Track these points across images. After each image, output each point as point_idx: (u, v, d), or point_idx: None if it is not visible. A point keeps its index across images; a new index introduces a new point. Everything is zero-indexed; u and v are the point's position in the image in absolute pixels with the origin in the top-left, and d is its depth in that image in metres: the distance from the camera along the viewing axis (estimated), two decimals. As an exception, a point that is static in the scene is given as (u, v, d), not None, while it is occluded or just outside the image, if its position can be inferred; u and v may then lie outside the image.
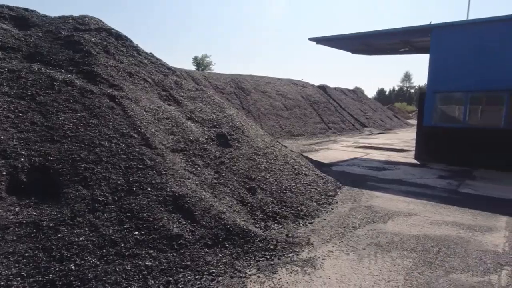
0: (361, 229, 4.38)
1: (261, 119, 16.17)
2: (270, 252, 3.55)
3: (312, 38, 11.60)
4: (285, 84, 22.32)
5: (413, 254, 3.63)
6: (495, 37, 8.73)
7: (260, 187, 4.86)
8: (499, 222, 4.71)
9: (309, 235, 4.09)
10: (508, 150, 8.59)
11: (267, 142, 6.59)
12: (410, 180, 7.48)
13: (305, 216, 4.67)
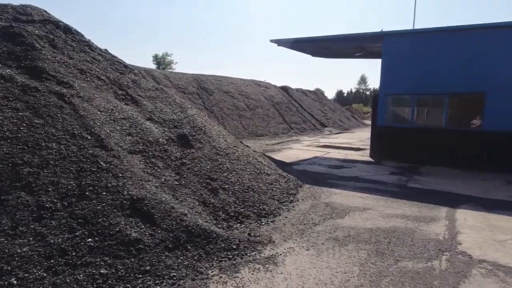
0: (321, 225, 4.56)
1: (224, 119, 16.09)
2: (232, 252, 3.56)
3: (273, 40, 11.82)
4: (248, 84, 22.44)
5: (367, 246, 3.87)
6: (436, 45, 9.63)
7: (222, 188, 4.84)
8: (441, 212, 5.20)
9: (271, 233, 4.17)
10: (449, 148, 9.51)
11: (229, 142, 6.58)
12: (365, 177, 7.95)
13: (267, 214, 4.74)
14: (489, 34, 8.86)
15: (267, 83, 25.93)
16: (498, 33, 8.73)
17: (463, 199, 6.05)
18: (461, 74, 9.24)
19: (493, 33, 8.81)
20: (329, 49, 13.17)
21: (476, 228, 4.50)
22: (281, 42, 11.92)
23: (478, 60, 8.99)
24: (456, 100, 10.12)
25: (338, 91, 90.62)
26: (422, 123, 10.75)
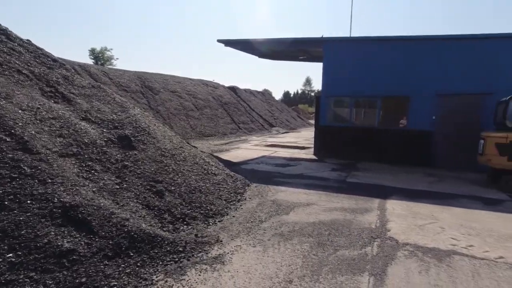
0: (267, 222, 4.70)
1: (171, 119, 15.53)
2: (178, 254, 3.47)
3: (220, 40, 11.79)
4: (195, 84, 22.00)
5: (310, 239, 4.11)
6: (370, 52, 10.60)
7: (168, 190, 4.68)
8: (374, 204, 5.75)
9: (218, 233, 4.17)
10: (381, 146, 10.55)
11: (175, 143, 6.40)
12: (309, 174, 8.39)
13: (214, 215, 4.73)
14: (412, 45, 10.05)
15: (215, 83, 25.73)
16: (419, 44, 9.95)
17: (393, 190, 6.77)
18: (390, 79, 10.31)
19: (415, 44, 10.01)
20: (275, 51, 13.59)
21: (401, 216, 5.08)
22: (229, 42, 11.95)
23: (404, 67, 10.13)
24: (387, 102, 11.25)
25: (285, 92, 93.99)
26: (360, 123, 11.74)
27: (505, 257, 3.65)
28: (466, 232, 4.40)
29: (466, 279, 3.14)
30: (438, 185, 7.43)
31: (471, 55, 9.26)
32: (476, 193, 6.73)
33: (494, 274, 3.25)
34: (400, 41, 10.22)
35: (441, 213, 5.27)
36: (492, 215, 5.24)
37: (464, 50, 9.36)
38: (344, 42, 10.99)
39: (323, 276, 3.18)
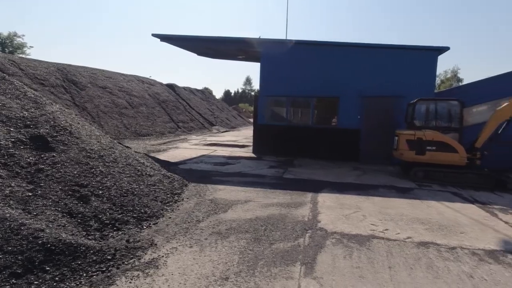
0: (205, 221, 4.65)
1: (100, 118, 14.23)
2: (107, 263, 3.21)
3: (156, 35, 11.22)
4: (129, 80, 20.56)
5: (246, 235, 4.19)
6: (304, 55, 11.24)
7: (95, 194, 4.29)
8: (307, 198, 6.13)
9: (153, 236, 3.97)
10: (315, 143, 11.28)
11: (104, 143, 5.88)
12: (248, 172, 8.55)
13: (149, 217, 4.49)
14: (339, 50, 10.96)
15: (152, 80, 24.42)
16: (345, 50, 10.90)
17: (324, 184, 7.31)
18: (323, 80, 11.09)
19: (342, 49, 10.95)
20: (213, 49, 13.47)
21: (331, 207, 5.52)
22: (165, 37, 11.44)
23: (334, 70, 10.99)
24: (320, 102, 12.09)
25: (225, 91, 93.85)
26: (296, 122, 12.37)
27: (412, 237, 4.25)
28: (383, 218, 4.99)
29: (381, 258, 3.57)
30: (363, 178, 8.27)
31: (388, 62, 10.50)
32: (392, 183, 7.68)
33: (403, 252, 3.75)
34: (329, 46, 11.07)
35: (364, 202, 5.88)
36: (403, 201, 6.04)
37: (383, 57, 10.57)
38: (279, 44, 11.44)
39: (258, 269, 3.28)
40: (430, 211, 5.46)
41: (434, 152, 7.79)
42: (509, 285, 3.08)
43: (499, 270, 3.36)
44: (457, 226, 4.70)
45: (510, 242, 4.16)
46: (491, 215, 5.36)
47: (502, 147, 7.89)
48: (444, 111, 8.30)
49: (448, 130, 8.17)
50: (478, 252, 3.80)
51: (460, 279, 3.16)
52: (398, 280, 3.11)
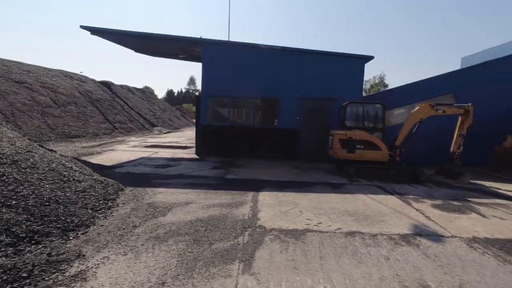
0: (142, 226, 4.43)
1: (17, 117, 12.48)
2: (21, 281, 2.86)
3: (85, 27, 10.27)
4: (55, 75, 18.46)
5: (186, 237, 4.12)
6: (246, 57, 11.43)
7: (6, 205, 3.77)
8: (248, 197, 6.26)
9: (80, 247, 3.65)
10: (257, 143, 11.56)
11: (20, 146, 5.21)
12: (190, 173, 8.38)
13: (76, 227, 4.11)
14: (279, 53, 11.41)
15: (83, 76, 22.29)
16: (285, 54, 11.40)
17: (265, 183, 7.54)
18: (263, 82, 11.42)
19: (281, 53, 11.41)
20: (152, 46, 12.88)
21: (270, 205, 5.74)
22: (96, 30, 10.55)
23: (273, 72, 11.40)
24: (261, 103, 12.41)
25: (168, 91, 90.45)
26: (238, 122, 12.51)
27: (341, 228, 4.65)
28: (318, 213, 5.36)
29: (314, 250, 3.84)
30: (301, 176, 8.74)
31: (323, 67, 11.28)
32: (327, 180, 8.28)
33: (333, 242, 4.09)
34: (269, 50, 11.45)
35: (301, 199, 6.23)
36: (336, 196, 6.57)
37: (319, 63, 11.32)
38: (221, 45, 11.47)
39: (197, 271, 3.25)
40: (358, 203, 6.04)
41: (362, 150, 8.63)
42: (416, 262, 3.58)
43: (410, 251, 3.89)
44: (379, 216, 5.29)
45: (419, 226, 4.83)
46: (406, 204, 6.15)
47: (417, 145, 9.11)
48: (370, 113, 9.24)
49: (374, 130, 9.12)
50: (394, 237, 4.34)
51: (379, 261, 3.58)
52: (328, 268, 3.38)
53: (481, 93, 10.43)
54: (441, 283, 3.14)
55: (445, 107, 8.52)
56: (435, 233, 4.58)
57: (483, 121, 9.85)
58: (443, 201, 6.45)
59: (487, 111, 10.24)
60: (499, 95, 10.55)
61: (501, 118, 10.47)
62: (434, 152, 9.37)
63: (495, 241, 4.33)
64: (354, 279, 3.16)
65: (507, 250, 4.04)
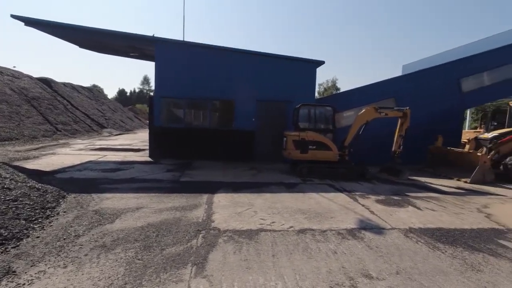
0: (86, 235, 4.13)
1: None
2: None
3: (17, 16, 9.24)
4: (-18, 70, 16.36)
5: (136, 244, 3.93)
6: (201, 57, 11.27)
7: None
8: (203, 199, 6.17)
9: (10, 262, 3.28)
10: (213, 145, 11.45)
11: None
12: (142, 177, 8.01)
13: (5, 240, 3.68)
14: (235, 55, 11.46)
15: (16, 71, 20.07)
16: (241, 55, 11.47)
17: (221, 185, 7.50)
18: (220, 83, 11.36)
19: (238, 55, 11.47)
20: (99, 42, 12.06)
21: (225, 206, 5.72)
22: (30, 21, 9.56)
23: (229, 74, 11.41)
24: (217, 104, 12.32)
25: (120, 90, 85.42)
26: (194, 124, 12.26)
27: (294, 226, 4.81)
28: (272, 212, 5.48)
29: (267, 249, 3.92)
30: (257, 176, 8.86)
31: (278, 70, 11.58)
32: (282, 180, 8.50)
33: (285, 240, 4.22)
34: (225, 51, 11.45)
35: (256, 199, 6.31)
36: (290, 196, 6.78)
37: (274, 66, 11.59)
38: (175, 44, 11.17)
39: (146, 278, 3.12)
40: (310, 202, 6.30)
41: (315, 150, 9.03)
42: (360, 254, 3.84)
43: (355, 244, 4.16)
44: (329, 212, 5.58)
45: (364, 221, 5.19)
46: (354, 200, 6.57)
47: (364, 145, 9.79)
48: (322, 115, 9.71)
49: (325, 131, 9.59)
50: (342, 232, 4.61)
51: (327, 255, 3.78)
52: (280, 266, 3.48)
53: (417, 97, 11.58)
54: (381, 272, 3.41)
55: (387, 110, 9.29)
56: (377, 226, 4.96)
57: (420, 123, 10.94)
58: (385, 196, 7.01)
59: (424, 114, 11.40)
60: (433, 99, 11.82)
61: (435, 120, 11.73)
62: (379, 152, 10.16)
63: (427, 230, 4.83)
64: (304, 274, 3.29)
65: (436, 237, 4.53)
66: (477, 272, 3.50)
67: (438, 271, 3.48)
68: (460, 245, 4.28)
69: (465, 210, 6.08)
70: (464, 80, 12.14)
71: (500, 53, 12.07)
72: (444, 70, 12.24)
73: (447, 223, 5.21)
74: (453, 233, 4.76)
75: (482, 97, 12.66)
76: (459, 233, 4.75)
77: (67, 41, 12.16)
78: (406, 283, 3.18)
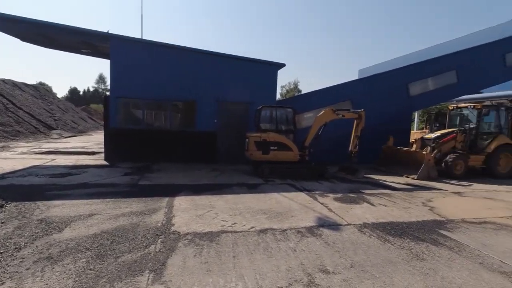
0: (28, 247, 3.77)
1: None
2: None
3: None
4: None
5: (87, 253, 3.68)
6: (161, 57, 10.91)
7: None
8: (163, 203, 5.97)
9: None
10: (175, 146, 11.14)
11: None
12: (96, 181, 7.54)
13: None
14: (196, 55, 11.27)
15: None
16: (202, 56, 11.31)
17: (182, 187, 7.31)
18: (179, 84, 11.09)
19: (198, 55, 11.29)
20: (47, 36, 11.12)
21: (186, 209, 5.59)
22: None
23: (190, 74, 11.19)
24: (178, 105, 12.01)
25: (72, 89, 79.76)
26: (154, 125, 11.83)
27: (255, 226, 4.85)
28: (233, 213, 5.47)
29: (228, 250, 3.90)
30: (219, 178, 8.78)
31: (240, 71, 11.62)
32: (244, 181, 8.53)
33: (246, 241, 4.23)
34: (187, 51, 11.22)
35: (218, 201, 6.26)
36: (251, 196, 6.82)
37: (236, 67, 11.60)
38: (133, 42, 10.70)
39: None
40: (272, 202, 6.40)
41: (276, 151, 9.20)
42: (318, 251, 3.99)
43: (313, 241, 4.31)
44: (289, 212, 5.71)
45: (322, 218, 5.40)
46: (313, 199, 6.80)
47: (323, 145, 10.18)
48: (283, 116, 9.92)
49: (286, 132, 9.81)
50: (301, 230, 4.75)
51: (287, 253, 3.86)
52: (240, 266, 3.48)
53: (372, 100, 12.34)
54: (337, 266, 3.57)
55: (344, 112, 9.77)
56: (335, 223, 5.19)
57: (374, 124, 11.64)
58: (343, 194, 7.36)
59: (377, 115, 12.16)
60: (385, 102, 12.67)
61: (388, 122, 12.59)
62: (338, 151, 10.63)
63: (379, 224, 5.17)
64: (264, 273, 3.33)
65: (387, 231, 4.86)
66: (421, 260, 3.81)
67: (388, 262, 3.74)
68: (407, 236, 4.64)
69: (412, 205, 6.60)
70: (411, 84, 13.19)
71: (442, 61, 13.32)
72: (395, 75, 13.20)
73: (397, 217, 5.62)
74: (401, 226, 5.14)
75: (427, 100, 13.86)
76: (406, 226, 5.14)
77: (6, 34, 11.01)
78: (359, 275, 3.37)
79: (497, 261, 3.88)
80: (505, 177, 10.58)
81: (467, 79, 13.21)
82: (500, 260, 3.90)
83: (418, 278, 3.35)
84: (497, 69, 13.42)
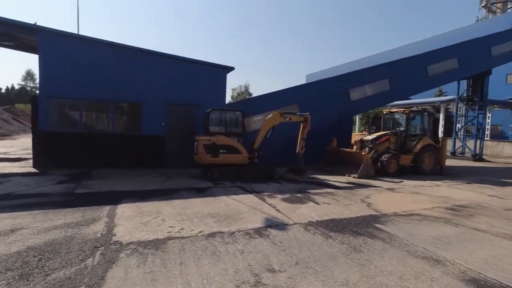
0: None
1: None
2: None
3: None
4: None
5: (7, 274, 3.24)
6: (101, 55, 10.16)
7: None
8: (103, 212, 5.54)
9: None
10: (118, 151, 10.42)
11: None
12: (23, 192, 6.71)
13: None
14: (142, 55, 10.74)
15: None
16: (148, 56, 10.81)
17: (126, 194, 6.87)
18: (123, 84, 10.44)
19: (144, 55, 10.77)
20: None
21: (130, 217, 5.27)
22: None
23: (135, 75, 10.61)
24: (121, 107, 11.29)
25: (-8, 87, 69.68)
26: (93, 128, 10.93)
27: (203, 230, 4.77)
28: (181, 219, 5.31)
29: (174, 257, 3.77)
30: (167, 183, 8.46)
31: (188, 74, 11.36)
32: (193, 185, 8.34)
33: (194, 246, 4.14)
34: (131, 50, 10.62)
35: (165, 207, 6.02)
36: (200, 200, 6.70)
37: (183, 69, 11.31)
38: (66, 37, 9.78)
39: (22, 313, 2.61)
40: (221, 205, 6.36)
41: (225, 154, 9.19)
42: (265, 251, 4.08)
43: (261, 242, 4.39)
44: (238, 214, 5.73)
45: (270, 219, 5.53)
46: (262, 200, 6.93)
47: (272, 148, 10.45)
48: (232, 119, 9.95)
49: (235, 135, 9.86)
50: (250, 232, 4.81)
51: (235, 256, 3.87)
52: (187, 273, 3.39)
53: (317, 104, 13.04)
54: (283, 264, 3.69)
55: (291, 115, 10.17)
56: (282, 222, 5.35)
57: (319, 127, 12.31)
58: (290, 194, 7.63)
59: (322, 119, 12.87)
60: (329, 106, 13.50)
61: (332, 124, 13.42)
62: (286, 153, 11.00)
63: (323, 222, 5.47)
64: (211, 277, 3.29)
65: (329, 228, 5.17)
66: (358, 253, 4.13)
67: (330, 256, 3.98)
68: (347, 232, 4.99)
69: (352, 202, 7.13)
70: (351, 90, 14.29)
71: (376, 70, 14.69)
72: (338, 81, 14.18)
73: (339, 214, 6.01)
74: (342, 222, 5.51)
75: (365, 105, 15.15)
76: (347, 222, 5.53)
77: None
78: (303, 271, 3.52)
79: (421, 248, 4.38)
80: (429, 174, 12.04)
81: (397, 87, 14.77)
82: (423, 247, 4.42)
83: (355, 270, 3.63)
84: (421, 79, 15.26)
